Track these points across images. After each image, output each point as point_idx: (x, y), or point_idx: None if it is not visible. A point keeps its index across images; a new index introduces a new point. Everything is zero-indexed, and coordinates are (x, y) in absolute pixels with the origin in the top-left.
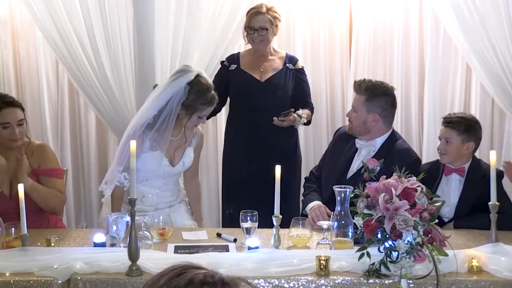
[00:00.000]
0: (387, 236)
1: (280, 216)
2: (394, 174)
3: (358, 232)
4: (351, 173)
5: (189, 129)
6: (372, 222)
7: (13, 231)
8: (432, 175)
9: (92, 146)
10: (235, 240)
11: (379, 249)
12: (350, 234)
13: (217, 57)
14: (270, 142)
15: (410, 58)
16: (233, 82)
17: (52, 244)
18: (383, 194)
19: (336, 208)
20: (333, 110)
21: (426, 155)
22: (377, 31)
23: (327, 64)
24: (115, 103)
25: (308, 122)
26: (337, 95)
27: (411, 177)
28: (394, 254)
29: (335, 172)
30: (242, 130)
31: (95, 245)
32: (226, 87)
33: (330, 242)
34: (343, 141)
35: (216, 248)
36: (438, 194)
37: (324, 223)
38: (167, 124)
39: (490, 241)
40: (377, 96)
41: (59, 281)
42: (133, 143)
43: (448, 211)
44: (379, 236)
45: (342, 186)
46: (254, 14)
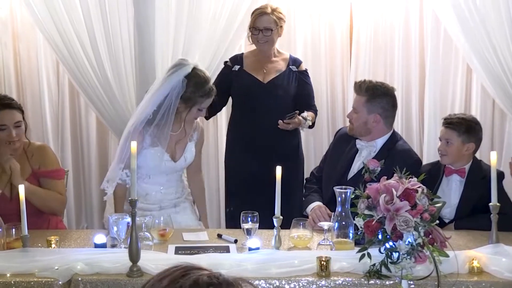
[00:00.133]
0: (388, 237)
1: (281, 217)
2: (395, 175)
3: (359, 233)
4: (352, 174)
5: (189, 123)
6: (373, 223)
7: (14, 232)
8: (433, 176)
9: (93, 147)
10: (236, 241)
11: (380, 250)
12: (351, 235)
13: (218, 58)
14: (272, 143)
15: (411, 59)
16: (236, 83)
17: (53, 245)
18: (384, 195)
19: (337, 209)
20: (334, 111)
21: (427, 156)
22: (378, 32)
23: (328, 65)
24: (116, 104)
25: (312, 125)
26: (338, 96)
27: (412, 178)
28: (395, 255)
29: (336, 173)
30: (244, 131)
31: (96, 246)
32: (228, 88)
33: (331, 243)
34: (344, 142)
35: (217, 249)
36: (439, 195)
37: (325, 224)
38: (167, 119)
39: (491, 242)
40: (378, 97)
41: (60, 282)
42: (134, 144)
43: (449, 212)
44: (380, 237)
45: (343, 187)
46: (259, 15)
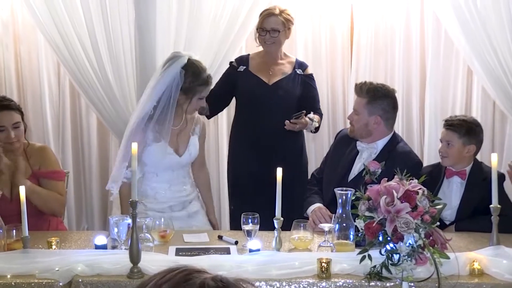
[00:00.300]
0: (389, 239)
1: (281, 219)
2: (396, 177)
3: (360, 235)
4: (353, 176)
5: (191, 114)
6: (374, 225)
7: (14, 233)
8: (434, 178)
9: (94, 148)
10: (236, 243)
11: (381, 252)
12: (352, 237)
13: (219, 60)
14: (276, 145)
15: (411, 61)
16: (241, 84)
17: (53, 247)
18: (385, 197)
19: (338, 211)
20: (335, 113)
21: (427, 158)
22: (378, 34)
23: (329, 67)
24: (117, 106)
25: (317, 129)
26: (338, 98)
27: (413, 180)
28: (396, 257)
29: (337, 175)
30: (248, 132)
31: (96, 247)
32: (232, 88)
33: (331, 245)
34: (344, 144)
35: (217, 251)
36: (440, 197)
37: (325, 226)
38: (168, 112)
39: (492, 244)
40: (379, 99)
41: (61, 283)
42: (135, 145)
43: (450, 214)
44: (381, 239)
45: (344, 189)
46: (267, 16)
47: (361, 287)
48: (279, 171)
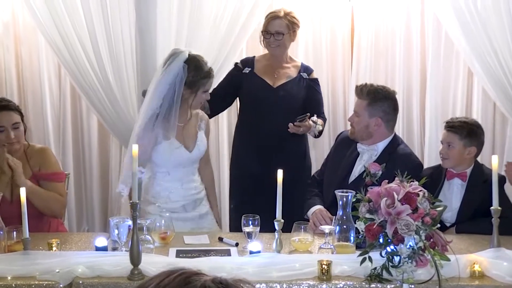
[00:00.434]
0: (389, 241)
1: (282, 221)
2: (396, 179)
3: (360, 237)
4: (353, 178)
5: (196, 108)
6: (374, 227)
7: (15, 235)
8: (434, 180)
9: (94, 151)
10: (237, 245)
11: (381, 254)
12: (352, 239)
13: (219, 62)
14: (279, 147)
15: (412, 63)
16: (246, 85)
17: (54, 248)
18: (385, 199)
19: (338, 213)
20: (335, 115)
21: (428, 160)
22: (379, 36)
23: (329, 69)
24: (117, 108)
25: (320, 133)
26: (339, 100)
27: (413, 182)
28: (396, 259)
29: (337, 177)
30: (252, 134)
31: (97, 249)
32: (236, 89)
33: (332, 247)
34: (345, 146)
35: (218, 253)
36: (440, 199)
37: (326, 228)
38: (174, 108)
39: (492, 246)
40: (379, 100)
41: (61, 285)
42: (135, 147)
43: (450, 216)
44: (381, 241)
45: (344, 191)
46: (272, 19)
47: None
48: (280, 173)
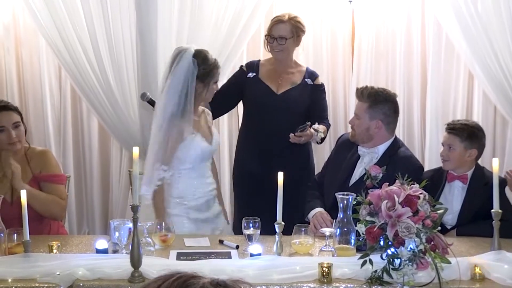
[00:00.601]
0: (390, 243)
1: (283, 223)
2: (397, 181)
3: (361, 239)
4: (354, 180)
5: (209, 100)
6: (375, 229)
7: (15, 237)
8: (435, 182)
9: (95, 153)
10: (238, 247)
11: (382, 256)
12: (353, 241)
13: (220, 63)
14: (282, 152)
15: (412, 65)
16: (249, 91)
17: (54, 251)
18: (386, 201)
19: (339, 215)
20: (336, 117)
21: (428, 162)
22: (380, 38)
23: (330, 71)
24: (118, 110)
25: (322, 140)
26: (339, 102)
27: (414, 184)
28: (397, 261)
29: (338, 179)
30: (255, 140)
31: (98, 252)
32: (239, 91)
33: (333, 249)
34: (346, 148)
35: (218, 255)
36: (441, 201)
37: (327, 230)
38: (189, 103)
39: (493, 249)
40: (380, 103)
41: None
42: (136, 150)
43: (451, 218)
44: (382, 243)
45: (345, 193)
46: (275, 23)
47: None
48: (280, 175)
